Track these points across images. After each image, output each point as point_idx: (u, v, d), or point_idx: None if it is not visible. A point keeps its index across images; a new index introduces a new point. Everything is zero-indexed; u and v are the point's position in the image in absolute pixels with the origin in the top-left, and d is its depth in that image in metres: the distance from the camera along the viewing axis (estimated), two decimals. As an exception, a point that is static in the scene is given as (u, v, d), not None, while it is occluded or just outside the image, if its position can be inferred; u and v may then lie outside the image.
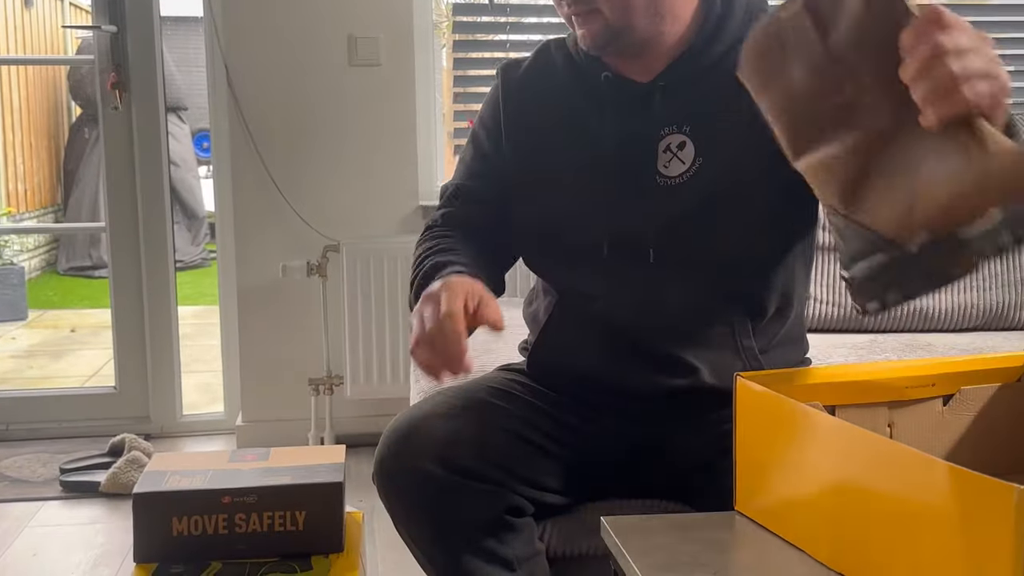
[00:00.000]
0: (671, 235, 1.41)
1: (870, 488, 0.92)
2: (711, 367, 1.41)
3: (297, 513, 1.85)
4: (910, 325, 2.18)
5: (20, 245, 6.58)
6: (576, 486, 1.48)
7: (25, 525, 2.49)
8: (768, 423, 1.08)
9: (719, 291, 1.43)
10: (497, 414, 1.45)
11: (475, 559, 1.37)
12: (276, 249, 2.95)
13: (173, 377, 3.21)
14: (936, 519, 0.84)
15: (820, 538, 1.00)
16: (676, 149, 1.40)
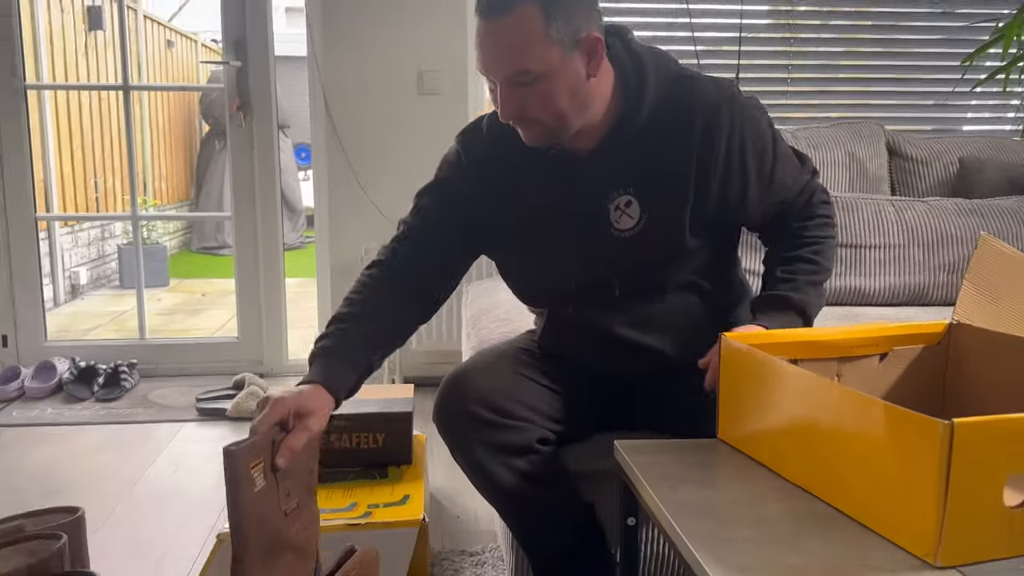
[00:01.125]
0: (631, 274, 1.39)
1: (824, 421, 0.93)
2: (679, 349, 1.39)
3: (378, 434, 1.88)
4: (848, 300, 2.16)
5: (163, 229, 6.64)
6: (589, 422, 1.49)
7: (169, 441, 2.53)
8: (745, 371, 1.08)
9: (676, 300, 1.41)
10: (524, 368, 1.45)
11: (510, 476, 1.38)
12: (360, 235, 2.97)
13: (281, 330, 3.23)
14: (876, 447, 0.85)
15: (785, 460, 1.01)
16: (624, 207, 1.34)
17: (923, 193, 2.44)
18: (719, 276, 1.46)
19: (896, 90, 3.26)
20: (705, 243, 1.38)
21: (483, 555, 1.81)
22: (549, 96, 1.23)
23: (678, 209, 1.34)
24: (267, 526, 1.16)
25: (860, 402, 0.87)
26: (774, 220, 1.43)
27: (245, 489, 1.11)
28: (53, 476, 2.25)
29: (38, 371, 2.96)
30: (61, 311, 4.83)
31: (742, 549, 0.84)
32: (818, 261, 1.39)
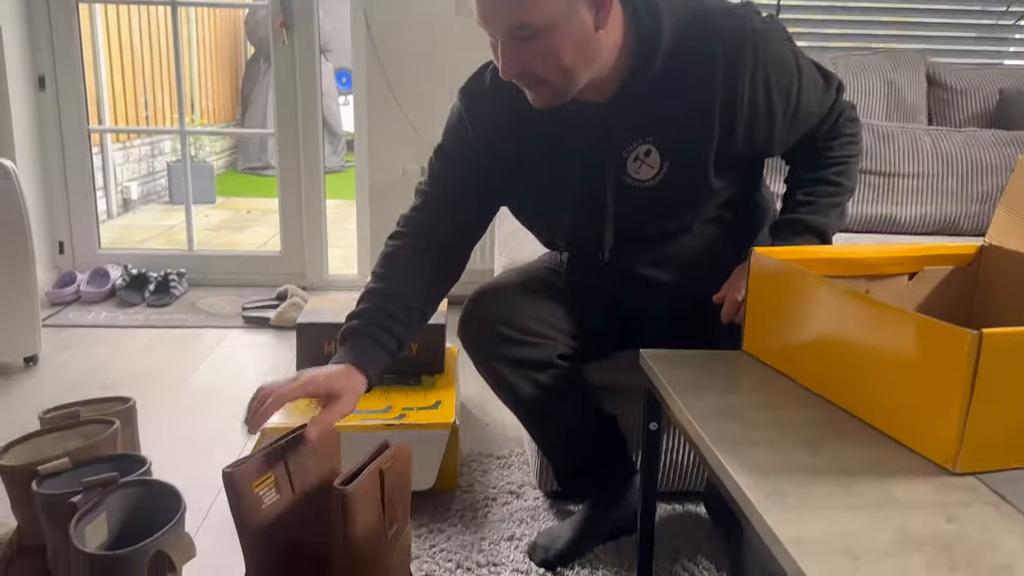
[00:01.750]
0: (652, 222, 1.31)
1: (851, 332, 0.91)
2: (701, 284, 1.30)
3: (412, 344, 1.89)
4: (879, 228, 2.11)
5: (210, 148, 6.65)
6: (610, 341, 1.48)
7: (216, 345, 2.57)
8: (774, 285, 1.06)
9: (698, 237, 1.34)
10: (546, 287, 1.44)
11: (532, 389, 1.39)
12: (398, 155, 2.94)
13: (322, 246, 3.25)
14: (903, 357, 0.83)
15: (809, 370, 1.00)
16: (643, 157, 1.24)
17: (961, 124, 2.35)
18: (743, 204, 1.39)
19: (940, 21, 3.11)
20: (730, 182, 1.31)
21: (509, 459, 1.84)
22: (553, 51, 1.11)
23: (702, 155, 1.24)
24: (280, 539, 1.14)
25: (890, 313, 0.85)
26: (799, 143, 1.36)
27: (248, 508, 1.09)
28: (107, 373, 2.31)
29: (92, 277, 3.01)
30: (114, 223, 4.89)
31: (762, 451, 0.83)
32: (840, 182, 1.33)
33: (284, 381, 1.16)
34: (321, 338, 1.88)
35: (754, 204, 1.43)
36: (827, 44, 3.11)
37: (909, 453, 0.83)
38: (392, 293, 1.29)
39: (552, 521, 1.59)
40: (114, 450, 1.24)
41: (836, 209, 1.32)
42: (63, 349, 2.49)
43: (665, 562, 1.47)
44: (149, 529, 1.06)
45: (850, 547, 0.66)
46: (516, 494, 1.69)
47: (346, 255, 3.72)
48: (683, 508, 1.64)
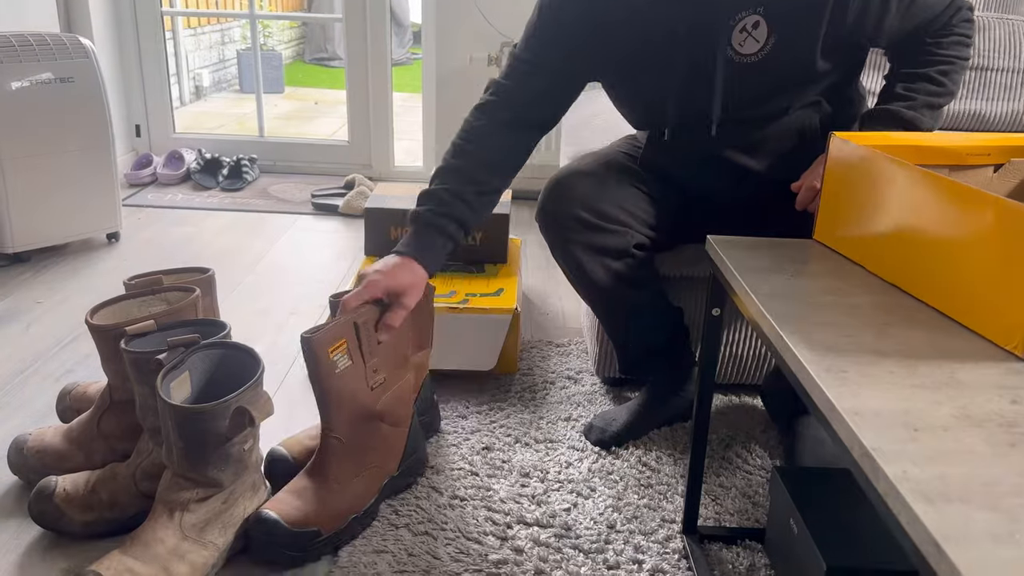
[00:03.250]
0: (748, 101, 1.29)
1: (928, 216, 0.89)
2: (786, 172, 1.29)
3: (476, 232, 1.91)
4: (967, 125, 2.00)
5: (278, 37, 6.64)
6: (684, 233, 1.47)
7: (287, 229, 2.64)
8: (851, 170, 1.03)
9: (792, 122, 1.32)
10: (625, 174, 1.44)
11: (606, 276, 1.40)
12: (465, 44, 2.89)
13: (388, 137, 3.25)
14: (981, 240, 0.81)
15: (882, 257, 0.98)
16: (751, 28, 1.23)
17: (1066, 17, 2.18)
18: (841, 93, 1.36)
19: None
20: (834, 67, 1.28)
21: (568, 347, 1.87)
22: None
23: (811, 33, 1.22)
24: (353, 401, 1.23)
25: (968, 194, 0.82)
26: (908, 36, 1.30)
27: (326, 372, 1.17)
28: (185, 251, 2.40)
29: (168, 160, 3.10)
30: (187, 110, 4.98)
31: (826, 332, 0.83)
32: (943, 82, 1.27)
33: (351, 293, 1.24)
34: (388, 223, 1.91)
35: (848, 98, 1.40)
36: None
37: (979, 339, 0.82)
38: (469, 172, 1.32)
39: (608, 406, 1.63)
40: (195, 315, 1.30)
41: (933, 110, 1.27)
42: (142, 228, 2.59)
43: (719, 448, 1.50)
44: (230, 388, 1.13)
45: (909, 421, 0.67)
46: (574, 379, 1.73)
47: (411, 148, 3.73)
48: (740, 400, 1.66)
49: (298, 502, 1.20)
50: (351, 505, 1.24)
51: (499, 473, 1.40)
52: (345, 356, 1.21)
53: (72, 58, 2.21)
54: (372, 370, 1.25)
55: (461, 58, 2.90)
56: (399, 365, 1.32)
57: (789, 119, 1.33)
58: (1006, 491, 0.58)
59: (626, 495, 1.36)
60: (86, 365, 1.72)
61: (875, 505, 0.61)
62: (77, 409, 1.47)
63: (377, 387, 1.27)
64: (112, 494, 1.22)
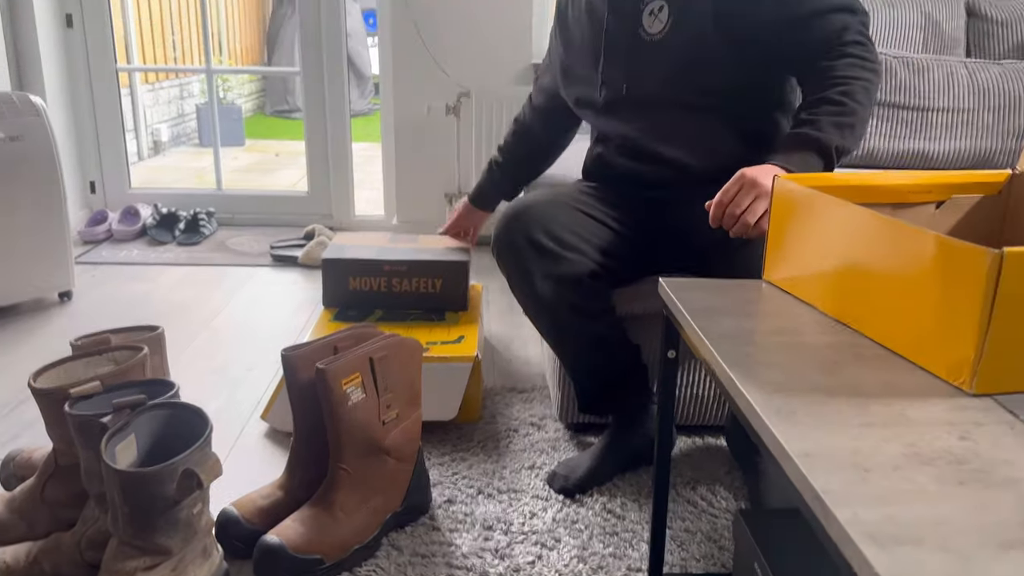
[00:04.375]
0: (655, 78, 1.43)
1: (871, 254, 0.89)
2: (705, 164, 1.43)
3: (436, 280, 1.90)
4: (913, 163, 2.05)
5: (238, 91, 6.65)
6: (634, 260, 1.49)
7: (245, 283, 2.61)
8: (796, 213, 1.04)
9: (704, 118, 1.43)
10: (577, 202, 1.49)
11: (564, 307, 1.41)
12: (423, 95, 2.92)
13: (348, 186, 3.25)
14: (923, 277, 0.82)
15: (829, 296, 0.98)
16: (657, 12, 1.41)
17: (1001, 56, 2.26)
18: (758, 110, 1.44)
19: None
20: (736, 61, 1.38)
21: (531, 393, 1.86)
22: None
23: (703, 15, 1.37)
24: (363, 434, 1.26)
25: (910, 233, 0.83)
26: (805, 60, 1.35)
27: (338, 403, 1.20)
28: (139, 309, 2.36)
29: (124, 215, 3.06)
30: (145, 165, 4.94)
31: (777, 372, 0.83)
32: (844, 102, 1.29)
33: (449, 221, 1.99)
34: (347, 273, 1.90)
35: (774, 122, 1.47)
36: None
37: (926, 376, 0.82)
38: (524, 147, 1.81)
39: (572, 452, 1.61)
40: (143, 375, 1.27)
41: (839, 129, 1.28)
42: (96, 285, 2.54)
43: (684, 490, 1.48)
44: (177, 449, 1.09)
45: (859, 461, 0.66)
46: (537, 426, 1.71)
47: (373, 198, 3.73)
48: (703, 441, 1.66)
49: (302, 529, 1.22)
50: (354, 536, 1.26)
51: (461, 527, 1.37)
52: (359, 389, 1.23)
53: (22, 116, 2.19)
54: (386, 405, 1.28)
55: (419, 108, 2.92)
56: (411, 402, 1.33)
57: (700, 116, 1.42)
58: (956, 530, 0.58)
59: (591, 544, 1.34)
60: (32, 431, 1.67)
61: (828, 549, 0.60)
62: (21, 476, 1.42)
63: (389, 422, 1.28)
64: (55, 565, 1.17)
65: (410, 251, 1.94)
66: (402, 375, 1.31)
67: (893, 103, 2.04)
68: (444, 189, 3.00)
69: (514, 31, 2.87)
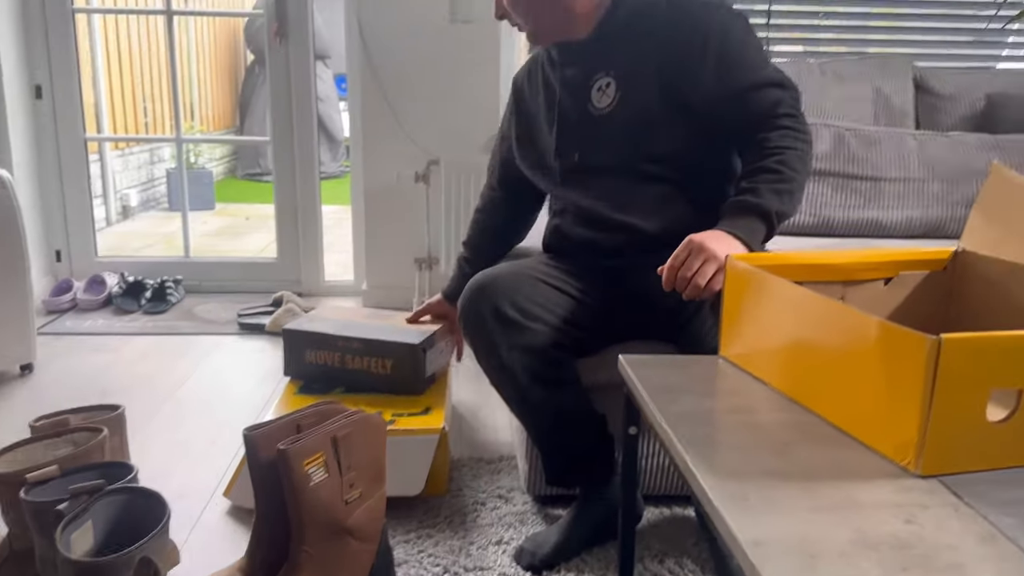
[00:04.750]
0: (609, 149, 1.49)
1: (819, 336, 0.92)
2: (650, 224, 1.48)
3: (386, 361, 1.84)
4: (867, 232, 2.12)
5: (209, 155, 6.69)
6: (597, 328, 1.51)
7: (211, 352, 2.59)
8: (749, 292, 1.08)
9: (656, 189, 1.48)
10: (540, 274, 1.52)
11: (528, 379, 1.42)
12: (393, 162, 2.96)
13: (318, 253, 3.27)
14: (867, 361, 0.84)
15: (782, 374, 1.01)
16: (605, 87, 1.49)
17: (948, 129, 2.36)
18: (706, 177, 1.49)
19: (931, 26, 3.13)
20: (682, 132, 1.44)
21: (499, 463, 1.85)
22: (517, 2, 1.48)
23: (647, 88, 1.44)
24: (325, 515, 1.23)
25: (853, 318, 0.86)
26: (741, 134, 1.43)
27: (299, 484, 1.18)
28: (102, 381, 2.33)
29: (89, 284, 3.04)
30: (113, 230, 4.92)
31: (730, 455, 0.85)
32: (780, 170, 1.36)
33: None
34: (305, 346, 1.88)
35: (722, 193, 1.49)
36: (817, 48, 3.13)
37: (874, 456, 0.84)
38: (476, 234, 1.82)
39: (540, 526, 1.60)
40: (102, 457, 1.26)
41: (778, 195, 1.34)
42: (59, 357, 2.51)
43: (652, 564, 1.48)
44: (135, 536, 1.08)
45: (807, 548, 0.68)
46: (505, 498, 1.70)
47: (343, 260, 3.74)
48: (671, 511, 1.66)
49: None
50: (315, 621, 1.20)
51: (426, 606, 1.35)
52: (321, 469, 1.21)
53: (-13, 189, 2.19)
54: (349, 484, 1.26)
55: (389, 174, 2.96)
56: (375, 479, 1.32)
57: (652, 186, 1.48)
58: (899, 621, 0.59)
59: (558, 622, 1.32)
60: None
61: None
62: (-26, 562, 1.38)
63: (352, 501, 1.26)
64: (6, 658, 1.14)
65: (371, 329, 1.88)
66: (366, 452, 1.30)
67: (846, 173, 2.12)
68: (414, 255, 3.02)
69: (482, 101, 2.93)
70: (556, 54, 1.55)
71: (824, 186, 2.13)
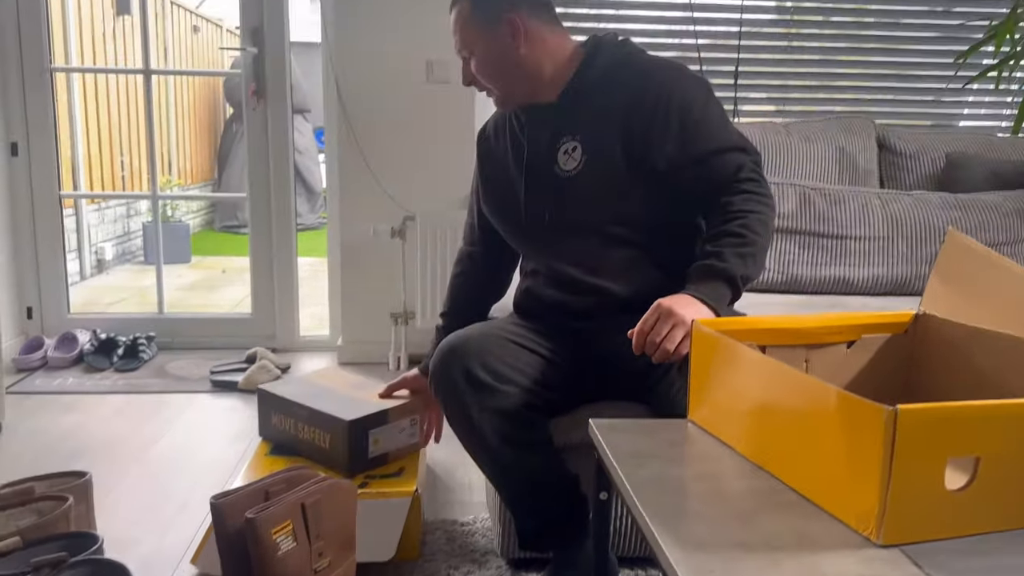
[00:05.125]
0: (575, 213, 1.51)
1: (783, 405, 0.94)
2: (619, 286, 1.49)
3: (325, 434, 1.74)
4: (833, 289, 2.16)
5: (186, 208, 6.68)
6: (568, 389, 1.52)
7: (183, 411, 2.56)
8: (715, 357, 1.09)
9: (622, 253, 1.50)
10: (511, 335, 1.52)
11: (500, 441, 1.42)
12: (369, 216, 2.98)
13: (293, 307, 3.26)
14: (828, 430, 0.86)
15: (747, 441, 1.02)
16: (571, 151, 1.50)
17: (911, 187, 2.42)
18: (674, 239, 1.51)
19: (894, 86, 3.23)
20: (648, 195, 1.46)
21: (473, 524, 1.84)
22: (483, 66, 1.50)
23: (612, 152, 1.45)
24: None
25: (814, 387, 0.88)
26: (705, 197, 1.45)
27: (267, 554, 1.16)
28: (73, 441, 2.29)
29: (60, 342, 3.00)
30: (87, 284, 4.88)
31: (697, 525, 0.85)
32: (743, 233, 1.38)
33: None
34: (272, 409, 1.86)
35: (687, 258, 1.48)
36: (784, 108, 3.22)
37: (838, 525, 0.85)
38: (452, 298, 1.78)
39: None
40: (68, 527, 1.24)
41: (742, 258, 1.36)
42: (28, 417, 2.47)
43: (625, 629, 1.47)
44: (97, 609, 1.06)
45: (771, 624, 0.68)
46: (479, 562, 1.68)
47: (319, 314, 3.74)
48: (646, 573, 1.65)
49: None
50: None
51: (397, 676, 1.33)
52: (289, 538, 1.19)
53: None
54: (318, 553, 1.24)
55: (365, 228, 2.97)
56: (345, 546, 1.30)
57: (618, 250, 1.49)
58: None
59: None
60: (-53, 581, 1.58)
61: None
62: (-70, 637, 1.34)
63: (321, 570, 1.24)
64: None
65: (328, 398, 1.79)
66: (335, 519, 1.29)
67: (813, 231, 2.16)
68: (390, 309, 3.03)
69: (458, 158, 2.97)
70: (523, 115, 1.57)
71: (791, 244, 2.17)
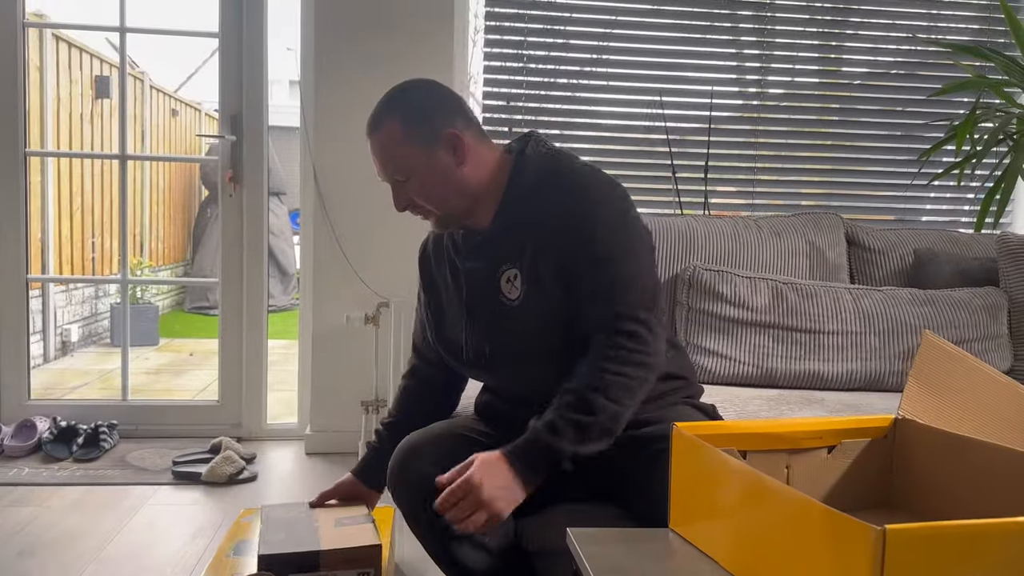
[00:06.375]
0: (518, 340, 1.42)
1: (765, 518, 0.91)
2: None
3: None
4: (808, 384, 2.15)
5: (157, 289, 6.61)
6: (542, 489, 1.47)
7: (143, 504, 2.46)
8: (696, 464, 1.07)
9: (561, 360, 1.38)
10: (474, 435, 1.49)
11: (460, 545, 1.38)
12: (342, 303, 2.96)
13: (261, 394, 3.19)
14: (813, 546, 0.83)
15: (728, 553, 0.99)
16: (512, 279, 1.41)
17: (881, 282, 2.46)
18: None
19: (859, 181, 3.32)
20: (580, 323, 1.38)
21: (444, 631, 1.75)
22: (423, 187, 1.39)
23: (549, 277, 1.37)
24: None
25: (799, 503, 0.86)
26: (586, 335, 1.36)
27: None
28: (27, 537, 2.18)
29: (18, 430, 2.90)
30: (50, 367, 4.76)
31: (681, 647, 0.81)
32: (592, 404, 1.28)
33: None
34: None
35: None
36: (752, 201, 3.29)
37: (827, 648, 0.82)
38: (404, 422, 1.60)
39: None
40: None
41: (580, 431, 1.29)
42: (-23, 510, 2.35)
43: None
44: None
45: None
46: (449, 671, 1.60)
47: (288, 399, 3.67)
48: None
49: None
50: None
51: None
52: None
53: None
54: None
55: (338, 314, 2.94)
56: None
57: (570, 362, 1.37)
58: None
59: None
60: None
61: None
62: None
63: None
64: None
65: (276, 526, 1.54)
66: None
67: (787, 326, 2.17)
68: (360, 397, 2.97)
69: (432, 247, 2.99)
70: (461, 244, 1.48)
71: (766, 338, 2.18)
